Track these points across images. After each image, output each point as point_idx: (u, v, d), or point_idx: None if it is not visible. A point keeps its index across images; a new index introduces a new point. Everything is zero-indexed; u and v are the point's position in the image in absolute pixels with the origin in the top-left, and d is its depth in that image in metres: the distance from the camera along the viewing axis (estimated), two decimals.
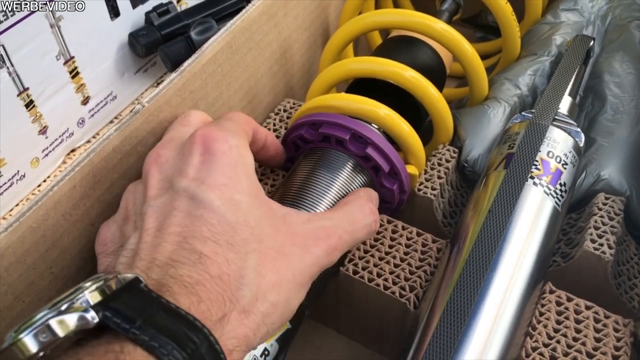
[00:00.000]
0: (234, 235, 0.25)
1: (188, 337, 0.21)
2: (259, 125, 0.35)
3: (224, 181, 0.26)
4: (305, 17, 0.50)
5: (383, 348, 0.41)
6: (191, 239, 0.24)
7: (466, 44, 0.42)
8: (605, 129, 0.43)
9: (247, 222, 0.26)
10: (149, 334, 0.20)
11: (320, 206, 0.34)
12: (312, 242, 0.28)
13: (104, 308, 0.20)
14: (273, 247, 0.26)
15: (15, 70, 0.50)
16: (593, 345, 0.31)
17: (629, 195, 0.39)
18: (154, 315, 0.21)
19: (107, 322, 0.20)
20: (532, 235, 0.33)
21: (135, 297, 0.21)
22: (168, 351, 0.20)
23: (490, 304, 0.30)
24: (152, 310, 0.21)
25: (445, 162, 0.41)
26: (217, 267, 0.24)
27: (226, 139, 0.28)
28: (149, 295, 0.21)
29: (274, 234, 0.27)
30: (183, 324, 0.21)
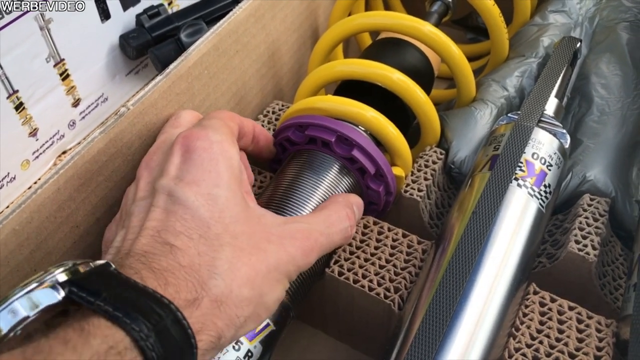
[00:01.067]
0: (207, 230, 0.26)
1: (153, 310, 0.21)
2: (244, 118, 0.35)
3: (202, 176, 0.27)
4: (294, 19, 0.50)
5: (369, 349, 0.41)
6: (164, 232, 0.25)
7: (453, 47, 0.43)
8: (591, 130, 0.43)
9: (221, 218, 0.26)
10: (113, 306, 0.20)
11: (306, 209, 0.34)
12: (289, 242, 0.28)
13: (70, 284, 0.21)
14: (248, 244, 0.27)
15: (5, 73, 0.50)
16: (575, 346, 0.32)
17: (614, 197, 0.39)
18: (120, 291, 0.21)
19: (72, 297, 0.20)
20: (516, 236, 0.33)
21: (102, 276, 0.22)
22: (131, 320, 0.20)
23: (473, 305, 0.31)
24: (118, 288, 0.21)
25: (432, 163, 0.41)
26: (188, 258, 0.24)
27: (207, 136, 0.28)
28: (118, 276, 0.22)
29: (249, 232, 0.27)
30: (149, 299, 0.21)
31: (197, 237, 0.25)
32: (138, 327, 0.20)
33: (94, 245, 0.34)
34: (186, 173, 0.27)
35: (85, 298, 0.20)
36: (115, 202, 0.35)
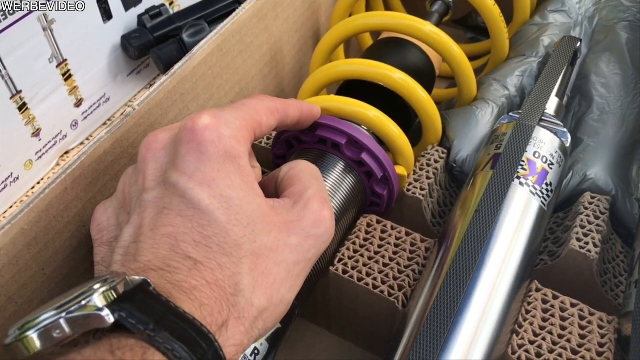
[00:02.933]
0: (225, 236, 0.25)
1: (197, 342, 0.21)
2: (290, 104, 0.33)
3: (213, 176, 0.26)
4: (296, 20, 0.50)
5: (373, 346, 0.41)
6: (183, 243, 0.24)
7: (454, 46, 0.43)
8: (591, 129, 0.44)
9: (239, 220, 0.25)
10: (163, 337, 0.20)
11: None
12: (310, 227, 0.28)
13: (119, 308, 0.21)
14: (267, 246, 0.26)
15: (8, 73, 0.50)
16: (578, 342, 0.32)
17: (615, 195, 0.40)
18: (165, 318, 0.21)
19: (123, 322, 0.20)
20: (518, 234, 0.34)
21: (146, 299, 0.21)
22: (181, 355, 0.20)
23: (477, 302, 0.31)
24: (162, 313, 0.21)
25: (434, 162, 0.42)
26: (212, 273, 0.24)
27: (217, 128, 0.27)
28: (159, 298, 0.22)
29: (268, 230, 0.26)
30: (191, 328, 0.21)
31: (216, 247, 0.25)
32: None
33: None
34: (197, 171, 0.26)
35: (135, 326, 0.20)
36: None
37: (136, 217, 0.26)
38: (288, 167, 0.31)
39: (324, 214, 0.28)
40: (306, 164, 0.31)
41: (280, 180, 0.31)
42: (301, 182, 0.30)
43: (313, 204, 0.28)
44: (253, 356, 0.30)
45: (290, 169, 0.31)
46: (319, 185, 0.30)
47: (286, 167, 0.31)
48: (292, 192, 0.29)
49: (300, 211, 0.28)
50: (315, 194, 0.29)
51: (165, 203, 0.25)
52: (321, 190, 0.29)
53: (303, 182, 0.30)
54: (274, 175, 0.32)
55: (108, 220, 0.29)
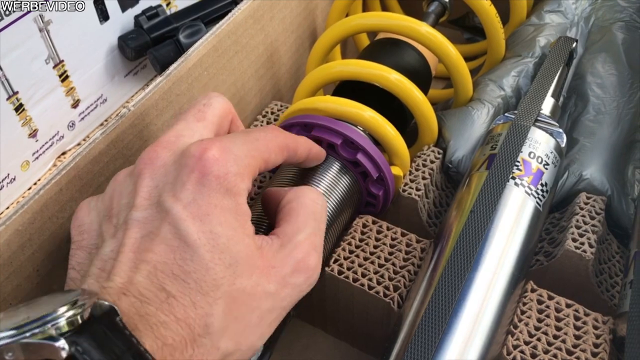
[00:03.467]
0: (205, 274, 0.24)
1: None
2: (301, 141, 0.32)
3: (208, 210, 0.25)
4: (292, 20, 0.50)
5: (369, 347, 0.41)
6: (161, 273, 0.24)
7: (450, 47, 0.43)
8: (587, 130, 0.44)
9: (222, 259, 0.25)
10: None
11: None
12: (290, 275, 0.27)
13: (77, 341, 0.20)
14: (244, 289, 0.25)
15: (5, 74, 0.50)
16: (573, 343, 0.32)
17: (610, 195, 0.40)
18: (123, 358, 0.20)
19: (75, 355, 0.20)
20: (513, 235, 0.34)
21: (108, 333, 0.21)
22: None
23: (472, 303, 0.31)
24: (121, 352, 0.20)
25: (429, 163, 0.42)
26: (183, 310, 0.23)
27: (226, 164, 0.26)
28: (122, 332, 0.21)
29: (249, 272, 0.25)
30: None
31: (194, 283, 0.24)
32: None
33: None
34: (193, 202, 0.25)
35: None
36: None
37: (121, 234, 0.25)
38: (294, 194, 0.30)
39: (308, 263, 0.27)
40: (311, 199, 0.30)
41: (282, 207, 0.30)
42: (297, 221, 0.29)
43: (299, 251, 0.27)
44: None
45: (293, 199, 0.30)
46: (313, 228, 0.29)
47: (291, 194, 0.30)
48: (283, 232, 0.28)
49: (285, 256, 0.27)
50: (305, 240, 0.28)
51: (154, 227, 0.25)
52: (314, 234, 0.29)
53: (298, 221, 0.29)
54: (279, 194, 0.31)
55: (90, 224, 0.28)
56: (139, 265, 0.24)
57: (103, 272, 0.24)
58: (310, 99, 0.40)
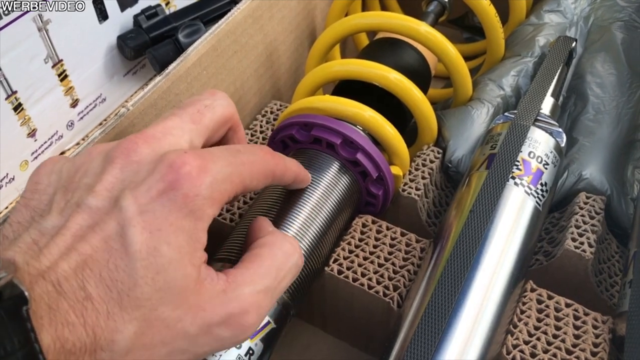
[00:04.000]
0: (131, 289, 0.22)
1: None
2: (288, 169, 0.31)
3: (161, 226, 0.23)
4: (291, 20, 0.50)
5: (369, 346, 0.41)
6: (88, 271, 0.22)
7: (449, 46, 0.43)
8: (587, 129, 0.44)
9: (154, 280, 0.23)
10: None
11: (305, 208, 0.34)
12: (217, 325, 0.24)
13: None
14: (164, 320, 0.23)
15: (4, 74, 0.50)
16: (572, 342, 0.32)
17: (610, 195, 0.40)
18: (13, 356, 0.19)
19: None
20: (513, 234, 0.34)
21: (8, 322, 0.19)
22: None
23: (471, 303, 0.31)
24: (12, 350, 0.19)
25: (429, 162, 0.42)
26: (95, 317, 0.22)
27: (200, 185, 0.24)
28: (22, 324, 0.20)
29: (175, 305, 0.23)
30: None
31: (117, 293, 0.22)
32: None
33: None
34: (151, 212, 0.23)
35: None
36: None
37: (68, 213, 0.24)
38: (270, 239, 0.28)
39: (241, 321, 0.25)
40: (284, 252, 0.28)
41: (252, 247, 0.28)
42: (255, 271, 0.26)
43: (237, 305, 0.25)
44: (247, 356, 0.30)
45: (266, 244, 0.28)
46: (268, 286, 0.26)
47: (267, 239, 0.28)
48: (234, 276, 0.26)
49: (220, 304, 0.24)
50: (251, 295, 0.25)
51: (102, 219, 0.23)
52: (266, 292, 0.26)
53: (256, 272, 0.26)
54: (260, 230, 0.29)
55: (47, 187, 0.26)
56: (70, 253, 0.22)
57: (35, 245, 0.23)
58: (310, 99, 0.40)
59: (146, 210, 0.23)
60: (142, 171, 0.24)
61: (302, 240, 0.34)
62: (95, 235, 0.23)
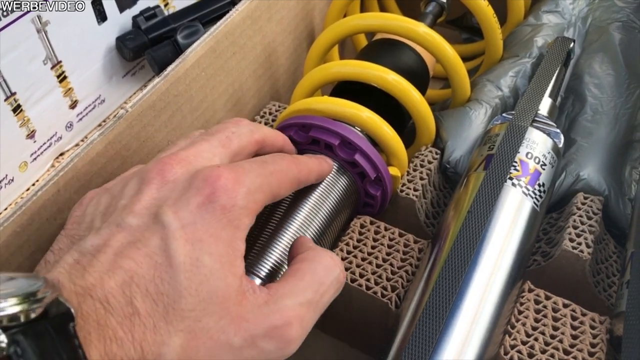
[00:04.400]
0: (176, 301, 0.23)
1: None
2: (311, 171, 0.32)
3: (203, 237, 0.24)
4: (290, 20, 0.50)
5: (367, 347, 0.41)
6: (135, 286, 0.23)
7: (448, 47, 0.43)
8: (584, 130, 0.44)
9: (198, 291, 0.23)
10: None
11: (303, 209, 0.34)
12: (261, 337, 0.24)
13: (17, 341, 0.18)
14: (208, 331, 0.24)
15: (2, 75, 0.50)
16: (570, 343, 0.32)
17: (608, 195, 0.40)
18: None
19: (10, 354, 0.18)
20: (510, 235, 0.34)
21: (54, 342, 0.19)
22: None
23: (469, 303, 0.31)
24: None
25: (427, 163, 0.42)
26: (142, 332, 0.22)
27: (235, 196, 0.25)
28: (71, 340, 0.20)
29: (220, 316, 0.24)
30: None
31: (162, 307, 0.23)
32: None
33: None
34: (192, 224, 0.24)
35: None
36: None
37: (107, 232, 0.24)
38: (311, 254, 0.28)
39: (285, 333, 0.25)
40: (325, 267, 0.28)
41: (293, 262, 0.28)
42: (296, 284, 0.27)
43: (280, 317, 0.25)
44: None
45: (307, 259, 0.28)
46: (310, 300, 0.26)
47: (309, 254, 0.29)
48: (276, 289, 0.26)
49: (263, 315, 0.25)
50: (292, 308, 0.25)
51: (144, 237, 0.24)
52: (308, 306, 0.26)
53: (298, 285, 0.27)
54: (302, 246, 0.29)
55: (84, 216, 0.27)
56: (115, 270, 0.23)
57: (78, 264, 0.23)
58: (308, 100, 0.40)
59: (187, 224, 0.24)
60: (178, 188, 0.26)
61: None
62: (138, 252, 0.23)
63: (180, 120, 0.39)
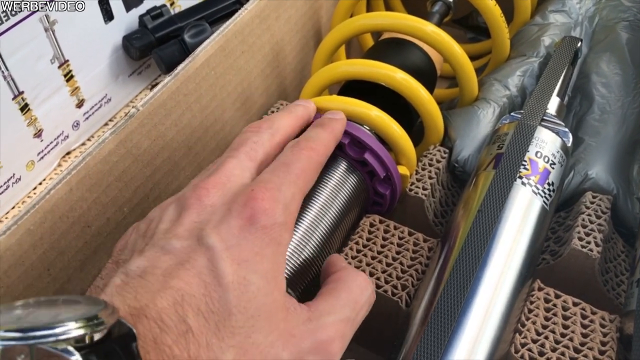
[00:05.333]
0: (226, 318, 0.24)
1: None
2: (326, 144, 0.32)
3: (248, 257, 0.25)
4: (298, 20, 0.50)
5: (377, 346, 0.41)
6: (187, 305, 0.23)
7: (456, 46, 0.43)
8: (592, 129, 0.44)
9: (246, 308, 0.24)
10: None
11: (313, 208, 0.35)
12: (307, 352, 0.25)
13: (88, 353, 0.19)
14: (258, 346, 0.24)
15: (10, 74, 0.51)
16: (580, 341, 0.32)
17: (616, 194, 0.40)
18: None
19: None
20: (520, 234, 0.34)
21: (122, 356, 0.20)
22: None
23: (480, 302, 0.31)
24: None
25: (436, 162, 0.42)
26: (196, 349, 0.23)
27: (274, 215, 0.26)
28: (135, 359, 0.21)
29: (268, 331, 0.25)
30: None
31: (214, 324, 0.23)
32: None
33: (105, 245, 0.34)
34: (236, 245, 0.25)
35: None
36: (125, 201, 0.35)
37: (153, 254, 0.25)
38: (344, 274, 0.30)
39: (330, 348, 0.26)
40: (358, 286, 0.29)
41: (328, 282, 0.29)
42: (335, 302, 0.28)
43: (325, 332, 0.26)
44: None
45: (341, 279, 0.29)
46: (347, 317, 0.28)
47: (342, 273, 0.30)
48: (316, 306, 0.27)
49: (309, 331, 0.26)
50: (334, 324, 0.27)
51: (190, 258, 0.25)
52: (346, 322, 0.27)
53: (336, 303, 0.28)
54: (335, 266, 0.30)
55: (128, 244, 0.28)
56: (166, 290, 0.23)
57: (127, 285, 0.24)
58: (317, 99, 0.40)
59: (232, 245, 0.25)
60: (218, 212, 0.26)
61: (310, 240, 0.34)
62: (187, 272, 0.24)
63: (190, 119, 0.39)
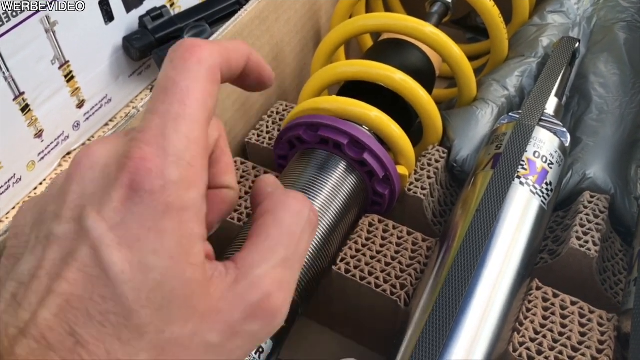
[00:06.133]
0: (127, 318, 0.19)
1: None
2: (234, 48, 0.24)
3: (139, 234, 0.19)
4: (297, 21, 0.50)
5: (376, 344, 0.41)
6: (73, 311, 0.18)
7: (454, 47, 0.43)
8: (590, 129, 0.44)
9: (151, 300, 0.19)
10: None
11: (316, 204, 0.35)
12: (241, 322, 0.21)
13: None
14: (177, 340, 0.20)
15: (11, 75, 0.51)
16: (578, 340, 0.32)
17: (614, 193, 0.40)
18: None
19: None
20: (518, 233, 0.34)
21: None
22: None
23: (478, 301, 0.31)
24: None
25: (434, 162, 0.42)
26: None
27: (162, 172, 0.19)
28: None
29: (184, 318, 0.20)
30: None
31: (112, 328, 0.19)
32: None
33: None
34: (121, 224, 0.19)
35: None
36: None
37: (40, 250, 0.20)
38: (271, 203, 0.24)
39: (268, 305, 0.21)
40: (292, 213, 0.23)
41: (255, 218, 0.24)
42: (263, 245, 0.22)
43: (256, 291, 0.21)
44: (257, 354, 0.31)
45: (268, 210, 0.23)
46: (284, 257, 0.22)
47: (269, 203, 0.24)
48: (243, 260, 0.22)
49: (237, 297, 0.21)
50: (267, 274, 0.21)
51: (73, 248, 0.19)
52: (284, 264, 0.22)
53: (265, 246, 0.22)
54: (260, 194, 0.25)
55: (24, 227, 0.22)
56: (48, 296, 0.19)
57: (14, 299, 0.19)
58: (316, 99, 0.40)
59: (116, 224, 0.19)
60: (102, 175, 0.20)
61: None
62: (69, 269, 0.19)
63: None
